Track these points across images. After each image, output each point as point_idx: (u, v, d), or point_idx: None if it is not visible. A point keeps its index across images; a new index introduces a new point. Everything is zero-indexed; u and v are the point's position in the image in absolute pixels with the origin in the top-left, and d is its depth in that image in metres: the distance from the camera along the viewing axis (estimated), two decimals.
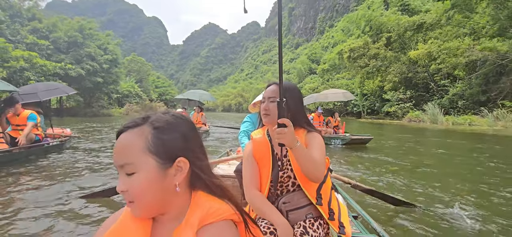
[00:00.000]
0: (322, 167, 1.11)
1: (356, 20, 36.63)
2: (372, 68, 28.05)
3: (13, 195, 3.15)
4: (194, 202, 0.62)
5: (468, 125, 17.09)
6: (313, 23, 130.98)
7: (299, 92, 1.31)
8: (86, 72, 25.42)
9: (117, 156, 0.58)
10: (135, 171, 0.57)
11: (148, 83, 53.19)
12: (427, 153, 6.98)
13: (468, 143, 9.29)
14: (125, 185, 0.57)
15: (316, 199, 1.20)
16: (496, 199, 3.24)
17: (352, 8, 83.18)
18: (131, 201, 0.57)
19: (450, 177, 4.30)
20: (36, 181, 3.71)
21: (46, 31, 23.63)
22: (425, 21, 24.81)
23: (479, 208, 2.87)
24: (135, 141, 0.58)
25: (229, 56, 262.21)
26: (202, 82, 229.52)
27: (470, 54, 20.08)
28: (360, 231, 1.71)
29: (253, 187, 1.22)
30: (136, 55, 53.33)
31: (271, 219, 1.14)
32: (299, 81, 59.27)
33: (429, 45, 22.00)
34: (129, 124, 0.60)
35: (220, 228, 0.59)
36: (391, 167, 5.07)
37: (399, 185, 3.86)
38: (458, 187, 3.73)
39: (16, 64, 17.21)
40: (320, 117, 8.85)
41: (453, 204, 2.93)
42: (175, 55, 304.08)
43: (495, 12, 20.09)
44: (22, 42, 20.66)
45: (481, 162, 5.58)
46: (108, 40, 30.59)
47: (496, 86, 20.12)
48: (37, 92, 6.22)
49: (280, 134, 0.99)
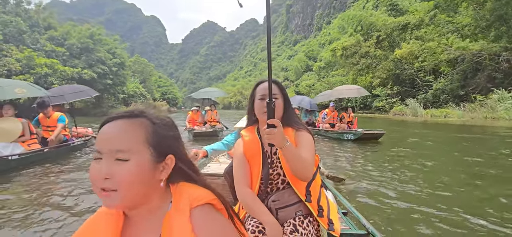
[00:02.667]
0: (311, 166, 1.13)
1: (348, 19, 38.41)
2: (362, 66, 30.04)
3: (48, 190, 3.46)
4: (178, 191, 0.65)
5: (443, 117, 19.15)
6: (311, 20, 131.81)
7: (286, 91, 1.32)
8: (98, 75, 27.55)
9: (112, 141, 0.57)
10: (128, 159, 0.57)
11: (151, 83, 55.25)
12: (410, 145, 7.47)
13: (438, 132, 10.45)
14: (111, 171, 0.56)
15: (306, 196, 1.21)
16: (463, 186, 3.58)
17: (349, 4, 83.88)
18: (114, 189, 0.56)
19: (431, 168, 4.61)
20: (68, 176, 4.13)
21: (61, 39, 25.72)
22: (409, 22, 26.82)
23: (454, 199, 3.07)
24: (136, 130, 0.59)
25: (228, 54, 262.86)
26: (202, 80, 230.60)
27: (448, 52, 22.16)
28: (349, 228, 1.72)
29: (244, 185, 1.22)
30: (139, 56, 55.28)
31: (261, 219, 1.14)
32: (296, 78, 60.90)
33: (412, 45, 24.06)
34: (124, 114, 0.62)
35: (208, 209, 0.64)
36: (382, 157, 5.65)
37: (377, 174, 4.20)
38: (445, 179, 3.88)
39: (41, 71, 19.36)
40: (334, 112, 9.13)
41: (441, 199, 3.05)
42: (174, 53, 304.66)
43: (475, 12, 22.09)
44: (42, 49, 22.74)
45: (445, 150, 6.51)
46: (116, 45, 32.69)
47: (473, 81, 22.17)
48: (64, 94, 6.68)
49: (270, 135, 0.99)
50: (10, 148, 4.40)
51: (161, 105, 50.51)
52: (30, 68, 19.12)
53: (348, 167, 4.83)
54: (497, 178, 3.99)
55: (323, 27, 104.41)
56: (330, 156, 5.91)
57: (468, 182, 3.76)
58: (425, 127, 12.94)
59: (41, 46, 22.94)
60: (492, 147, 6.68)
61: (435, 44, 22.86)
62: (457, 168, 4.57)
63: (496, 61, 19.83)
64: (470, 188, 3.46)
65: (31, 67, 19.17)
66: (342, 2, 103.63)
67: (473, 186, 3.58)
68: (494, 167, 4.55)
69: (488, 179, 3.90)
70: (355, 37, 32.50)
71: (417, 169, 4.48)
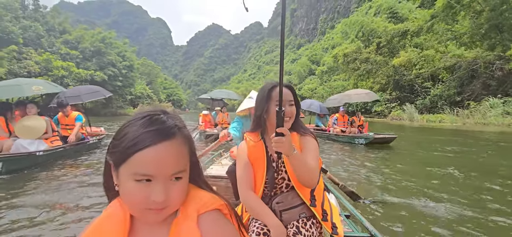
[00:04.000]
0: (316, 173, 1.14)
1: (350, 25, 39.17)
2: (362, 71, 30.91)
3: (69, 185, 3.67)
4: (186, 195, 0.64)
5: (438, 122, 19.97)
6: (315, 24, 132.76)
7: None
8: (108, 77, 28.93)
9: (169, 166, 0.56)
10: (182, 177, 0.59)
11: (157, 84, 56.65)
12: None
13: (435, 137, 10.80)
14: (168, 192, 0.56)
15: (310, 201, 1.22)
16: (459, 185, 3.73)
17: (353, 9, 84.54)
18: (164, 207, 0.56)
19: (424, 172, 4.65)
20: (88, 171, 4.42)
21: (75, 42, 27.17)
22: (408, 29, 27.71)
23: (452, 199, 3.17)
24: (184, 149, 0.60)
25: (232, 57, 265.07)
26: (206, 82, 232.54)
27: (445, 60, 23.01)
28: (352, 230, 1.73)
29: (247, 188, 1.23)
30: (146, 59, 56.80)
31: (265, 221, 1.15)
32: (299, 82, 61.75)
33: (410, 53, 24.96)
34: (168, 134, 0.58)
35: (216, 215, 0.63)
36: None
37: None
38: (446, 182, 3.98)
39: (58, 73, 20.72)
40: (345, 116, 9.08)
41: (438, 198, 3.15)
42: (179, 55, 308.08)
43: (472, 21, 22.85)
44: (57, 52, 24.16)
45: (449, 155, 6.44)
46: (125, 48, 34.12)
47: (469, 88, 22.95)
48: (80, 94, 6.86)
49: (278, 143, 0.99)
50: (35, 145, 4.62)
51: (167, 106, 51.99)
52: (48, 70, 20.52)
53: (351, 170, 4.89)
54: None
55: (327, 31, 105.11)
56: (337, 160, 5.99)
57: (471, 187, 3.74)
58: (423, 132, 13.27)
59: (56, 49, 24.39)
60: (480, 151, 6.89)
61: (432, 52, 23.73)
62: (458, 173, 4.56)
63: (490, 69, 20.60)
64: (473, 193, 3.43)
65: (49, 69, 20.59)
66: (346, 7, 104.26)
67: (477, 191, 3.54)
68: (493, 173, 4.58)
69: (495, 185, 3.85)
70: (356, 43, 33.36)
71: (418, 173, 4.56)
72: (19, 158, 4.26)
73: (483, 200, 3.21)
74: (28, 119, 4.65)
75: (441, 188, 3.63)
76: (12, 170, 4.14)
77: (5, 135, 4.58)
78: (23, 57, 19.83)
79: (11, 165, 4.14)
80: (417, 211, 2.82)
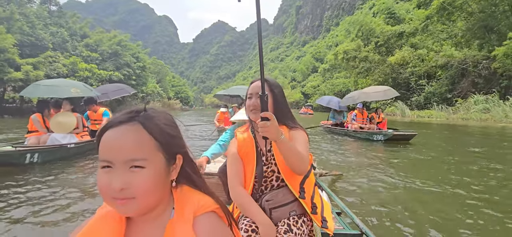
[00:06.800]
0: (306, 159, 1.12)
1: (352, 24, 40.47)
2: (361, 69, 32.54)
3: (95, 175, 3.96)
4: (181, 196, 0.64)
5: (427, 118, 21.71)
6: (320, 21, 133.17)
7: (282, 89, 1.34)
8: (124, 77, 31.48)
9: (124, 150, 0.55)
10: (144, 166, 0.56)
11: (166, 83, 59.17)
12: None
13: (427, 131, 11.33)
14: (127, 180, 0.54)
15: (299, 193, 1.20)
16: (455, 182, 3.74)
17: (358, 6, 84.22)
18: (132, 197, 0.55)
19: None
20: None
21: (95, 45, 29.77)
22: (404, 30, 29.31)
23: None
24: (145, 136, 0.57)
25: (238, 54, 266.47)
26: (212, 79, 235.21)
27: (436, 59, 24.64)
28: (343, 227, 1.73)
29: (237, 184, 1.22)
30: (156, 58, 59.42)
31: (255, 218, 1.14)
32: (303, 79, 63.31)
33: (404, 52, 26.63)
34: (127, 117, 0.58)
35: (211, 217, 0.63)
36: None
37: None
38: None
39: (83, 74, 23.27)
40: (364, 113, 8.97)
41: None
42: (185, 52, 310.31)
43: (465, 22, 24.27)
44: (80, 55, 26.75)
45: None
46: (139, 49, 36.78)
47: (459, 86, 24.52)
48: (107, 92, 7.31)
49: (264, 128, 0.99)
50: (67, 138, 5.07)
51: (175, 103, 54.49)
52: (74, 72, 23.08)
53: (345, 165, 4.99)
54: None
55: (332, 28, 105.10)
56: (353, 155, 6.08)
57: (464, 183, 3.74)
58: (415, 127, 13.62)
59: (79, 52, 26.95)
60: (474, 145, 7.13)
61: (425, 52, 25.34)
62: (451, 169, 4.63)
63: (478, 68, 22.11)
64: (465, 190, 3.44)
65: (76, 71, 23.16)
66: (351, 4, 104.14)
67: (468, 188, 3.52)
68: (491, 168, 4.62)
69: (487, 180, 3.88)
70: (356, 42, 34.77)
71: (412, 169, 4.64)
72: (52, 150, 4.80)
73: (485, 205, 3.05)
74: (61, 115, 5.15)
75: (439, 188, 3.56)
76: (47, 160, 4.68)
77: (43, 131, 5.07)
78: (53, 60, 22.34)
79: (46, 156, 4.70)
80: (409, 209, 2.82)
